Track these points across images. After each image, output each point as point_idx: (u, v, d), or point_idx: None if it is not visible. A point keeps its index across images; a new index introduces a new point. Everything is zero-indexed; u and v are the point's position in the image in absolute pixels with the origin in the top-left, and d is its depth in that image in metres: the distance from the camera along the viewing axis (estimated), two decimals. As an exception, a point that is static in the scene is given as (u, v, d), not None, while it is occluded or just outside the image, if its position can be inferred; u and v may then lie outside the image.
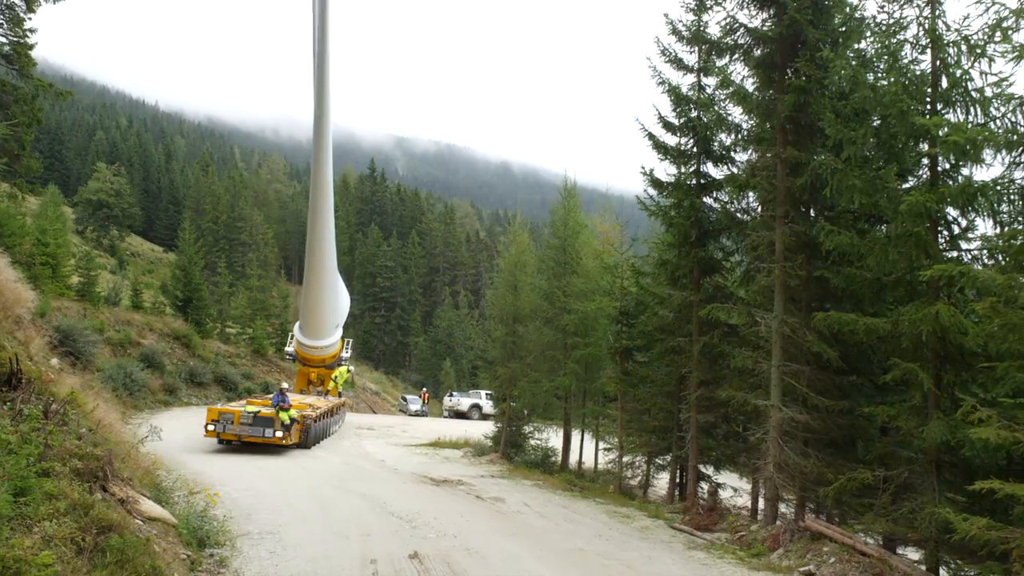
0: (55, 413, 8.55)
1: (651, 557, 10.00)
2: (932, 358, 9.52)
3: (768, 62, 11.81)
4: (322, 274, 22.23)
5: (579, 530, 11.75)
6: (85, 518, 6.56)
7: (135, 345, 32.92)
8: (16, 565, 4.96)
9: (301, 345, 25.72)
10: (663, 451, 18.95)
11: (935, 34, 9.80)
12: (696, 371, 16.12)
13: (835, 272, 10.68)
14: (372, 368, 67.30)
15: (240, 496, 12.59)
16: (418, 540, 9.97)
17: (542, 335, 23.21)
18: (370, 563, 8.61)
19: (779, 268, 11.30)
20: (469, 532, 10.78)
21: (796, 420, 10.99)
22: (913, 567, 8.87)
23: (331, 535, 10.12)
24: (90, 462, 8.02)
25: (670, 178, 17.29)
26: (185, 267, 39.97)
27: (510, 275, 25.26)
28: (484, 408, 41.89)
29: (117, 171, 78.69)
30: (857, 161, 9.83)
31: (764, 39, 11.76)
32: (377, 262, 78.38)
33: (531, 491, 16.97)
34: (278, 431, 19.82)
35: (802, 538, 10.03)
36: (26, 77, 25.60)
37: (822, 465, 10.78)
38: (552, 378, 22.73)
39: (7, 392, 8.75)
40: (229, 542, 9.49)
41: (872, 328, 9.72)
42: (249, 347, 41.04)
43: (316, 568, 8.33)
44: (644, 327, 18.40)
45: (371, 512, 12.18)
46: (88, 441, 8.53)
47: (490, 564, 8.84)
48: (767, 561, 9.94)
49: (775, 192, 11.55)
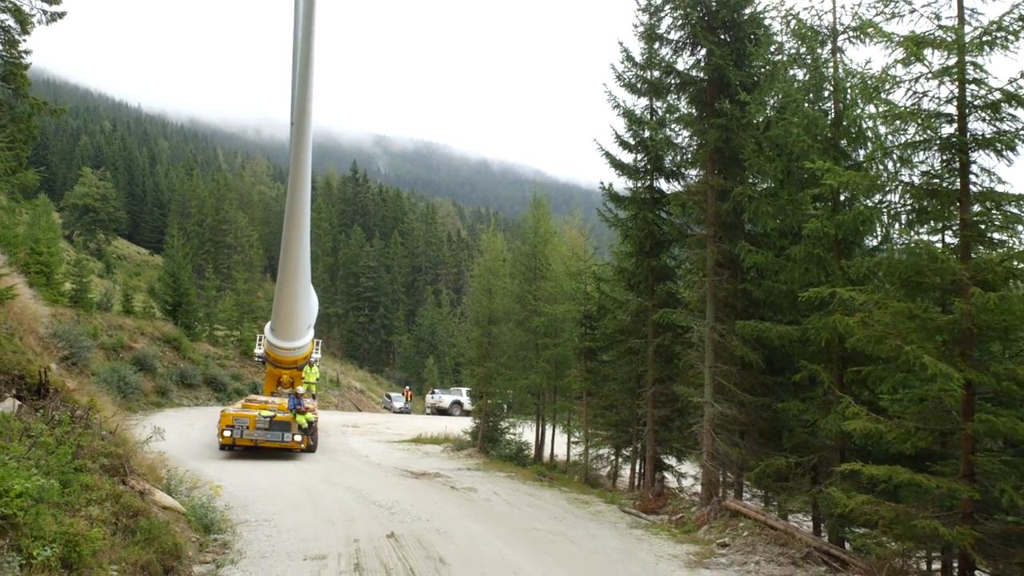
0: (80, 418, 9.97)
1: (594, 534, 11.57)
2: (835, 360, 11.14)
3: (700, 99, 13.39)
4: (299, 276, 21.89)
5: (538, 514, 13.31)
6: (117, 505, 8.00)
7: (127, 349, 34.18)
8: (75, 539, 6.41)
9: (273, 347, 25.04)
10: (625, 443, 20.56)
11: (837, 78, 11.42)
12: (651, 370, 17.66)
13: (756, 285, 12.28)
14: (357, 367, 68.63)
15: (236, 490, 14.01)
16: (395, 524, 11.47)
17: (515, 336, 24.79)
18: (353, 542, 10.11)
19: (710, 282, 12.91)
20: (440, 517, 12.30)
21: (726, 414, 12.60)
22: (815, 539, 10.48)
23: (320, 521, 11.59)
24: (113, 460, 9.45)
25: (627, 192, 18.83)
26: (174, 272, 41.19)
27: (485, 280, 26.82)
28: (465, 405, 43.37)
29: (102, 176, 79.55)
30: (770, 190, 11.42)
31: (694, 80, 13.35)
32: (360, 262, 79.62)
33: (502, 482, 18.48)
34: (296, 435, 19.68)
35: (724, 516, 11.63)
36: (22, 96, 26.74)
37: (748, 453, 12.40)
38: (525, 376, 24.30)
39: (38, 401, 10.16)
40: (230, 528, 10.95)
41: (784, 334, 11.33)
42: (237, 349, 42.34)
43: (307, 547, 9.82)
44: (605, 329, 19.98)
45: (355, 502, 13.65)
46: (110, 442, 9.96)
47: (454, 540, 10.36)
48: (693, 536, 11.52)
49: (706, 214, 13.15)
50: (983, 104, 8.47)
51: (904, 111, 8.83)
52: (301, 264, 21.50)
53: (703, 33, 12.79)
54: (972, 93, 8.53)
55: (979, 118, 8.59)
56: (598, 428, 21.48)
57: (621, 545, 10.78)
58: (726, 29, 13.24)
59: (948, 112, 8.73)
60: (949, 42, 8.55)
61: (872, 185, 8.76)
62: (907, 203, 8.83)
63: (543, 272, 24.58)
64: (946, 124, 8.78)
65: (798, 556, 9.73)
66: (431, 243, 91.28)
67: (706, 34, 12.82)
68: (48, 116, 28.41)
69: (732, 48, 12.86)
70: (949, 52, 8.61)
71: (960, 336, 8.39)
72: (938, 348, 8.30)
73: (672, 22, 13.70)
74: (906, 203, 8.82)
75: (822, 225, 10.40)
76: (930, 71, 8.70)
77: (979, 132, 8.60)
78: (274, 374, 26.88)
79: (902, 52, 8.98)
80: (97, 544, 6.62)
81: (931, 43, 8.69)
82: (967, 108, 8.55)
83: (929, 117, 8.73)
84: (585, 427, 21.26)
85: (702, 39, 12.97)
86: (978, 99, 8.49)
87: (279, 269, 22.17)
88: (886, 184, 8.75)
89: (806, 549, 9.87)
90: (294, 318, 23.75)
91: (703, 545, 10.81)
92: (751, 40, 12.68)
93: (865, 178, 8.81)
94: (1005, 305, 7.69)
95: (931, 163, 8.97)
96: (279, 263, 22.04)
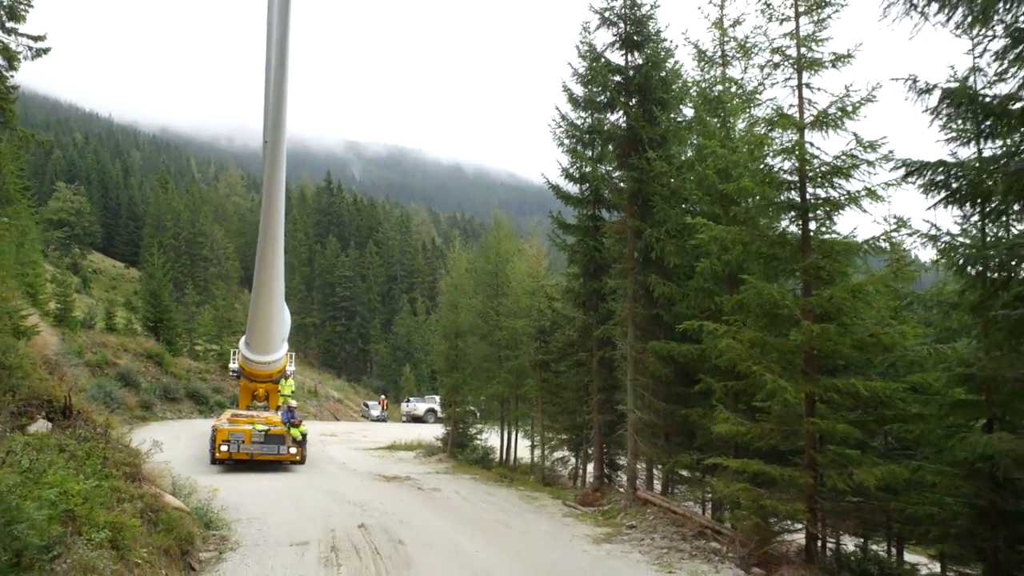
0: (101, 435, 12.04)
1: (530, 522, 13.88)
2: (724, 374, 13.52)
3: (620, 151, 15.79)
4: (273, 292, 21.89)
5: (489, 508, 15.58)
6: (141, 503, 10.11)
7: (112, 365, 35.84)
8: (120, 527, 8.54)
9: (249, 361, 25.12)
10: (579, 446, 22.88)
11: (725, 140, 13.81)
12: (596, 380, 19.93)
13: (667, 311, 14.67)
14: (335, 376, 70.34)
15: (227, 495, 16.07)
16: (366, 517, 13.66)
17: (480, 349, 27.00)
18: (330, 531, 12.30)
19: (629, 307, 15.30)
20: (405, 511, 14.51)
21: (644, 419, 14.96)
22: (706, 519, 12.84)
23: (302, 517, 13.74)
24: (130, 468, 11.55)
25: (573, 220, 21.17)
26: (155, 291, 42.94)
27: (451, 296, 29.06)
28: (439, 412, 45.46)
29: (76, 190, 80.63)
30: (673, 232, 13.79)
31: (613, 136, 15.76)
32: (336, 272, 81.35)
33: (466, 483, 20.70)
34: (291, 447, 20.52)
35: (637, 504, 13.99)
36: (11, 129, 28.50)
37: (664, 452, 14.76)
38: (490, 386, 26.54)
39: (65, 421, 12.21)
40: (226, 525, 13.06)
41: (687, 352, 13.69)
42: (217, 362, 44.13)
43: (292, 536, 11.98)
44: (556, 343, 22.29)
45: (333, 502, 15.81)
46: (126, 453, 12.04)
47: (413, 528, 12.60)
48: (611, 521, 13.85)
49: (627, 249, 15.54)
50: (817, 175, 10.89)
51: (763, 178, 11.22)
52: (276, 281, 21.67)
53: (618, 97, 15.20)
54: (810, 165, 10.94)
55: (815, 185, 11.01)
56: (557, 432, 23.76)
57: (549, 529, 13.10)
58: (639, 92, 15.65)
59: (794, 180, 11.14)
60: (792, 122, 10.97)
61: (735, 239, 11.13)
62: (764, 250, 11.21)
63: (504, 289, 26.83)
64: (794, 190, 11.19)
65: (690, 534, 12.08)
66: (406, 252, 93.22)
67: (620, 98, 15.25)
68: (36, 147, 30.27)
69: (644, 109, 15.28)
70: (790, 130, 11.02)
71: (805, 357, 10.80)
72: (784, 367, 10.69)
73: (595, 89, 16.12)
74: (763, 250, 11.19)
75: (711, 264, 12.78)
76: (780, 147, 11.12)
77: (817, 196, 11.02)
78: (249, 388, 27.34)
79: (763, 128, 11.41)
80: (136, 531, 8.76)
81: (780, 124, 11.10)
82: (806, 178, 10.96)
83: (780, 185, 11.14)
84: (541, 432, 23.54)
85: (617, 103, 15.38)
86: (813, 170, 10.90)
87: (254, 286, 22.42)
88: (746, 237, 11.12)
89: (698, 528, 12.22)
90: (269, 333, 24.01)
91: (615, 527, 13.16)
92: (658, 104, 15.09)
93: (730, 232, 11.19)
94: (826, 335, 10.10)
95: (785, 220, 11.39)
96: (254, 280, 22.26)
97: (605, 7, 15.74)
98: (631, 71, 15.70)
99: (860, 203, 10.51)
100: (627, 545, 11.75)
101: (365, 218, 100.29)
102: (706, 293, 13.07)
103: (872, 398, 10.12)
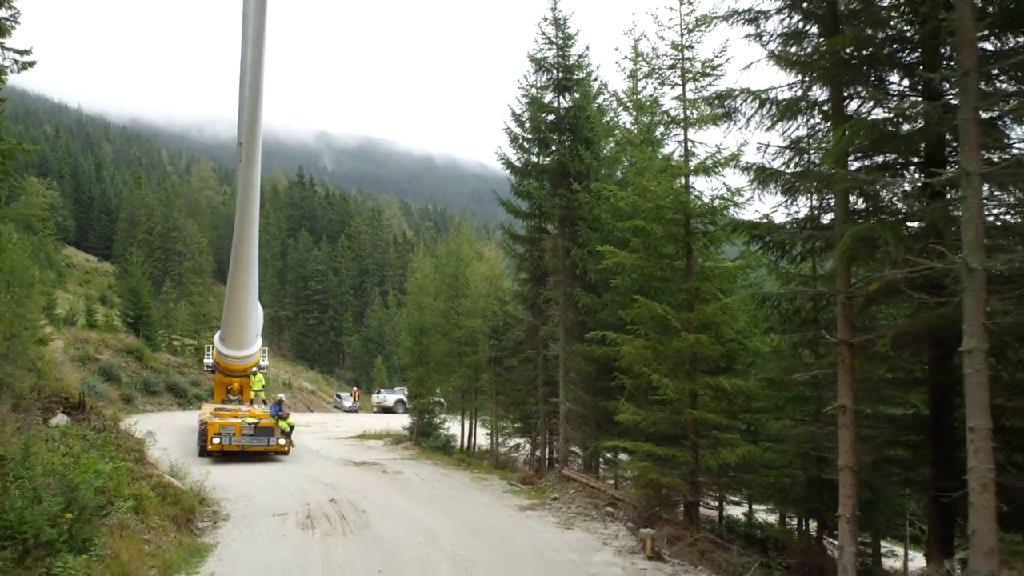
0: (111, 426, 14.44)
1: (474, 496, 16.54)
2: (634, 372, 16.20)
3: (552, 180, 18.45)
4: (248, 289, 22.36)
5: (442, 487, 18.20)
6: (152, 481, 12.53)
7: (94, 361, 37.68)
8: (140, 498, 10.98)
9: (224, 356, 25.64)
10: (527, 433, 25.55)
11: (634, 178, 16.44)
12: (541, 374, 22.56)
13: (591, 318, 17.35)
14: (308, 368, 72.38)
15: (216, 479, 18.38)
16: (336, 494, 16.20)
17: (441, 345, 29.49)
18: (305, 505, 14.83)
19: (560, 314, 17.97)
20: (369, 490, 17.07)
21: (574, 411, 17.66)
22: (616, 491, 15.57)
23: (281, 495, 16.24)
24: (137, 453, 13.96)
25: (521, 231, 23.73)
26: (133, 288, 44.81)
27: (416, 296, 31.52)
28: (408, 403, 47.82)
29: (49, 185, 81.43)
30: (593, 252, 16.43)
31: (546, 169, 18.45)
32: (309, 266, 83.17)
33: (427, 467, 23.27)
34: (280, 439, 21.69)
35: (563, 481, 16.70)
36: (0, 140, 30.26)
37: (590, 438, 17.49)
38: (451, 379, 29.08)
39: (79, 414, 14.59)
40: (216, 502, 15.50)
41: (605, 354, 16.35)
42: (195, 357, 46.07)
43: (274, 509, 14.48)
44: (508, 342, 24.89)
45: (307, 483, 18.30)
46: (133, 442, 14.44)
47: (375, 502, 15.18)
48: (542, 495, 16.56)
49: (558, 264, 18.21)
50: (699, 212, 13.56)
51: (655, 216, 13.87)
52: (250, 278, 22.11)
53: (550, 135, 17.88)
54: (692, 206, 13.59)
55: (698, 222, 13.69)
56: (512, 421, 26.37)
57: (488, 502, 15.77)
58: (571, 131, 18.29)
59: (679, 217, 13.79)
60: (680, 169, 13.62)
61: (634, 265, 13.79)
62: (657, 274, 13.88)
63: (463, 291, 29.34)
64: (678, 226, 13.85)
65: (602, 504, 14.80)
66: (377, 246, 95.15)
67: (552, 135, 17.94)
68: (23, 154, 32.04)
69: (572, 147, 17.94)
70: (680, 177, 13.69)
71: (689, 360, 13.51)
72: (671, 368, 13.39)
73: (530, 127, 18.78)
74: (656, 274, 13.87)
75: (622, 280, 15.44)
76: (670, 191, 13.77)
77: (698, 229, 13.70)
78: (223, 382, 27.98)
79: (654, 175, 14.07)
80: (152, 502, 11.21)
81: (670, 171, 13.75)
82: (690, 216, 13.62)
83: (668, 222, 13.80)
84: (495, 421, 26.17)
85: (550, 140, 18.06)
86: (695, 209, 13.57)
87: (228, 285, 22.77)
88: (643, 263, 13.79)
89: (609, 499, 14.94)
90: (244, 328, 24.64)
91: (542, 499, 15.87)
92: (584, 143, 17.73)
93: (630, 258, 13.85)
94: (700, 343, 12.81)
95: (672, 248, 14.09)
96: (228, 279, 22.60)
97: (540, 57, 18.37)
98: (563, 111, 18.32)
99: (731, 236, 13.20)
100: (546, 512, 14.45)
101: (337, 212, 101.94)
102: (619, 305, 15.72)
103: (735, 392, 12.85)
